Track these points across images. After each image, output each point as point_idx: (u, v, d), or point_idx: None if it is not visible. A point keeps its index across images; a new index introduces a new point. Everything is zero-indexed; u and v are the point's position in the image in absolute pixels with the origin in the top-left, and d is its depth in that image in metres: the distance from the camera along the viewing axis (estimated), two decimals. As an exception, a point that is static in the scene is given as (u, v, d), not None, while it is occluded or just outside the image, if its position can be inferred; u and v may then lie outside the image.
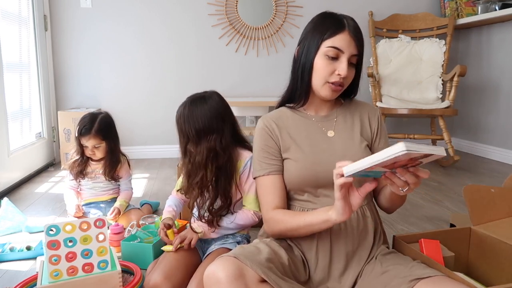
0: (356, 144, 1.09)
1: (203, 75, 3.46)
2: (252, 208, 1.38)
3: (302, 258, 1.07)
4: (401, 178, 0.85)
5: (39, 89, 3.10)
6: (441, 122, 3.00)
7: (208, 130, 1.33)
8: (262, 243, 1.04)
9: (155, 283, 1.21)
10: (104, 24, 3.29)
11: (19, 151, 2.69)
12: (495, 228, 1.22)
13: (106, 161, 1.87)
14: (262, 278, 0.91)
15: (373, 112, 1.16)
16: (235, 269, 0.88)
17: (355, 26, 1.04)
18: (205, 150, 1.32)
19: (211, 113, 1.34)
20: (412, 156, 0.76)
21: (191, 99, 1.37)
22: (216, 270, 0.89)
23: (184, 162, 1.39)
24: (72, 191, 1.93)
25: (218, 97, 1.40)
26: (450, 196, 2.36)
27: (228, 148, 1.35)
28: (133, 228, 1.61)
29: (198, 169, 1.34)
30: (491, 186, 1.28)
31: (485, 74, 3.44)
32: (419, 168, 0.85)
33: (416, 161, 0.81)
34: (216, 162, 1.33)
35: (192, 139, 1.34)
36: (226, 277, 0.87)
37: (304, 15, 3.49)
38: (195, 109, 1.34)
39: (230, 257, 0.93)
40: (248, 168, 1.37)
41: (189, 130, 1.33)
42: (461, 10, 3.47)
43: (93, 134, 1.80)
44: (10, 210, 1.87)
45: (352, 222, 1.05)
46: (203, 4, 3.38)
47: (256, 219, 1.38)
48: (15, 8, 2.78)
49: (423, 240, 1.14)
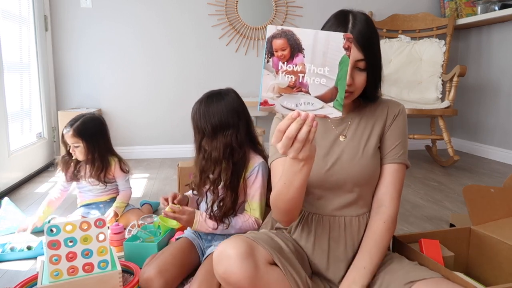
0: (366, 147, 1.04)
1: (203, 75, 3.46)
2: (254, 215, 1.37)
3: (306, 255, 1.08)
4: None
5: (39, 89, 3.10)
6: (441, 122, 3.00)
7: (224, 126, 1.34)
8: (271, 233, 1.06)
9: (149, 276, 1.22)
10: (104, 24, 3.30)
11: (20, 151, 2.69)
12: (494, 228, 1.22)
13: (89, 163, 1.86)
14: (271, 261, 0.93)
15: (393, 108, 1.07)
16: (246, 247, 0.90)
17: (360, 24, 0.94)
18: (222, 145, 1.33)
19: (227, 109, 1.35)
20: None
21: (207, 96, 1.38)
22: (227, 247, 0.91)
23: (198, 158, 1.39)
24: (52, 197, 1.88)
25: (235, 93, 1.41)
26: (450, 196, 2.36)
27: (243, 145, 1.36)
28: (133, 228, 1.61)
29: (215, 164, 1.35)
30: (491, 186, 1.29)
31: (485, 74, 3.44)
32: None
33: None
34: (232, 158, 1.34)
35: (208, 134, 1.35)
36: (236, 254, 0.89)
37: (304, 15, 3.50)
38: (211, 105, 1.35)
39: (241, 236, 0.95)
40: (255, 173, 1.37)
41: (205, 125, 1.34)
42: (461, 10, 3.47)
43: (71, 133, 1.80)
44: (10, 210, 1.87)
45: (352, 228, 1.05)
46: (203, 4, 3.38)
47: (255, 226, 1.37)
48: (16, 8, 2.78)
49: (423, 240, 1.14)
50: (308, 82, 0.74)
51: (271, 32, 0.72)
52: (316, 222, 1.05)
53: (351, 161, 1.03)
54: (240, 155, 1.35)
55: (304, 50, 0.72)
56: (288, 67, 0.73)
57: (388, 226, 1.01)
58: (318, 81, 0.74)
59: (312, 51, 0.72)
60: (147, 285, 1.22)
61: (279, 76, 0.73)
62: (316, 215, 1.06)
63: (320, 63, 0.73)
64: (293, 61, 0.73)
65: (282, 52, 0.72)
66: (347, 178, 1.03)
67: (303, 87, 0.74)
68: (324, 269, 1.05)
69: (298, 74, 0.73)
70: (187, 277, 1.36)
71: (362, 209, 1.06)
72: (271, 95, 0.74)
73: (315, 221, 1.06)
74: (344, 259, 1.04)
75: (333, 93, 0.74)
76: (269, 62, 0.73)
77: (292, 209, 0.97)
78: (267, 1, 3.45)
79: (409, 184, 2.59)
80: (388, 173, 1.04)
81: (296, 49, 0.72)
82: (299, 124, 0.73)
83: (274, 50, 0.72)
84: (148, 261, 1.32)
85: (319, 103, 0.74)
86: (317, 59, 0.73)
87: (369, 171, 1.03)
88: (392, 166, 1.04)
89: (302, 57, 0.73)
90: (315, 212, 1.06)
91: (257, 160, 1.39)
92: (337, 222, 1.05)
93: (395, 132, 1.06)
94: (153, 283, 1.21)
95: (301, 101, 0.74)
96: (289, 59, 0.73)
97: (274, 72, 0.73)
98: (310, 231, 1.06)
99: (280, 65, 0.73)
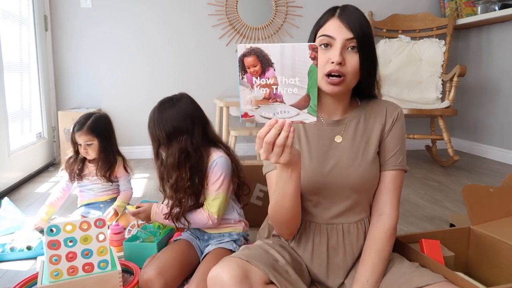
0: (365, 152, 1.02)
1: (203, 75, 3.46)
2: (209, 209, 1.38)
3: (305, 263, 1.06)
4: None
5: (39, 89, 3.10)
6: (441, 122, 3.00)
7: (178, 132, 1.35)
8: (266, 245, 1.03)
9: (149, 277, 1.22)
10: (104, 24, 3.30)
11: (19, 151, 2.69)
12: (494, 227, 1.23)
13: (100, 161, 1.86)
14: (267, 280, 0.90)
15: (391, 110, 1.05)
16: (240, 271, 0.87)
17: (348, 11, 0.96)
18: (177, 151, 1.34)
19: (179, 115, 1.36)
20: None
21: (160, 103, 1.41)
22: (220, 272, 0.87)
23: (156, 165, 1.42)
24: (54, 198, 1.88)
25: (188, 98, 1.43)
26: (450, 196, 2.36)
27: (199, 148, 1.37)
28: (133, 228, 1.61)
29: (172, 170, 1.36)
30: (490, 186, 1.29)
31: (485, 74, 3.44)
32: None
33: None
34: (189, 162, 1.35)
35: (163, 142, 1.37)
36: (230, 279, 0.86)
37: (304, 15, 3.50)
38: (163, 112, 1.37)
39: (235, 258, 0.91)
40: (213, 167, 1.38)
41: (159, 133, 1.36)
42: (461, 10, 3.47)
43: (86, 130, 1.80)
44: (10, 210, 1.87)
45: (351, 235, 1.03)
46: (203, 4, 3.38)
47: (210, 222, 1.38)
48: (16, 8, 2.78)
49: (423, 240, 1.14)
50: (281, 93, 0.78)
51: (241, 51, 0.76)
52: (314, 231, 1.03)
53: (350, 166, 1.01)
54: (196, 158, 1.36)
55: (273, 64, 0.77)
56: (262, 81, 0.78)
57: (389, 235, 0.99)
58: (290, 91, 0.78)
59: (281, 64, 0.77)
60: (147, 286, 1.22)
61: (255, 90, 0.78)
62: (314, 224, 1.03)
63: (290, 74, 0.77)
64: (265, 75, 0.78)
65: (254, 68, 0.77)
66: (346, 184, 1.00)
67: (277, 97, 0.79)
68: (324, 278, 1.03)
69: (271, 86, 0.78)
70: (187, 278, 1.36)
71: (360, 215, 1.04)
72: (250, 108, 0.79)
73: (312, 229, 1.03)
74: (343, 267, 1.03)
75: (306, 100, 0.78)
76: (244, 78, 0.78)
77: (290, 220, 0.97)
78: (267, 1, 3.45)
79: (409, 184, 2.59)
80: (389, 180, 1.02)
81: (266, 64, 0.77)
82: (277, 130, 0.78)
83: (247, 67, 0.77)
84: (148, 262, 1.32)
85: (294, 110, 0.79)
86: (287, 71, 0.77)
87: (369, 177, 1.01)
88: (393, 173, 1.02)
89: (273, 71, 0.77)
90: (312, 221, 1.04)
91: (215, 155, 1.40)
92: (335, 230, 1.02)
93: (395, 138, 1.04)
94: (153, 284, 1.21)
95: (277, 110, 0.79)
96: (261, 73, 0.78)
97: (249, 87, 0.78)
98: (308, 239, 1.04)
99: (254, 80, 0.78)
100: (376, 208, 1.03)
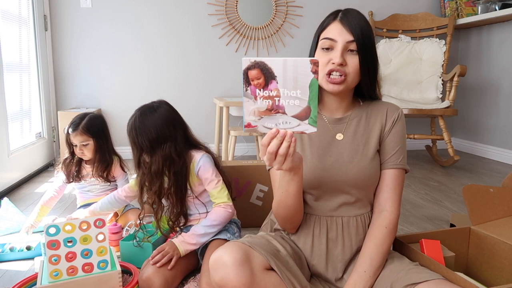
0: (365, 150, 1.05)
1: (203, 75, 3.46)
2: (220, 201, 1.40)
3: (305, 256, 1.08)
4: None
5: (39, 89, 3.10)
6: (441, 122, 3.00)
7: (162, 139, 1.35)
8: (268, 236, 1.06)
9: (148, 276, 1.23)
10: (104, 24, 3.29)
11: (19, 151, 2.69)
12: (494, 227, 1.22)
13: (96, 161, 1.85)
14: (268, 266, 0.93)
15: (392, 111, 1.08)
16: (242, 254, 0.90)
17: (350, 15, 1.01)
18: (161, 158, 1.34)
19: (162, 122, 1.36)
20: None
21: (140, 111, 1.39)
22: (223, 254, 0.91)
23: (138, 173, 1.41)
24: (46, 198, 1.85)
25: (167, 105, 1.43)
26: (450, 196, 2.36)
27: (182, 154, 1.38)
28: (131, 228, 1.61)
29: (155, 178, 1.36)
30: (490, 186, 1.29)
31: (485, 74, 3.44)
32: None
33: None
34: (173, 168, 1.35)
35: (147, 149, 1.36)
36: (232, 261, 0.89)
37: (304, 15, 3.49)
38: (145, 119, 1.35)
39: (238, 242, 0.95)
40: (201, 165, 1.40)
41: (143, 141, 1.34)
42: (461, 10, 3.47)
43: (81, 131, 1.79)
44: (10, 210, 1.87)
45: (350, 228, 1.05)
46: (203, 4, 3.38)
47: (229, 211, 1.40)
48: (15, 8, 2.78)
49: (423, 240, 1.14)
50: (284, 104, 0.82)
51: (245, 64, 0.80)
52: (314, 223, 1.06)
53: (350, 162, 1.03)
54: (180, 164, 1.36)
55: (276, 77, 0.80)
56: (265, 93, 0.82)
57: (389, 230, 1.02)
58: (292, 102, 0.82)
59: (283, 77, 0.80)
60: (146, 285, 1.22)
61: (258, 101, 0.82)
62: (314, 216, 1.06)
63: (292, 87, 0.81)
64: (268, 88, 0.81)
65: (258, 80, 0.81)
66: (345, 180, 1.03)
67: (280, 109, 0.83)
68: (323, 270, 1.05)
69: (274, 98, 0.82)
70: (187, 277, 1.36)
71: (361, 210, 1.06)
72: (253, 118, 0.83)
73: (313, 221, 1.06)
74: (341, 260, 1.04)
75: (307, 112, 0.82)
76: (248, 90, 0.82)
77: (293, 215, 1.02)
78: (267, 1, 3.45)
79: (409, 184, 2.59)
80: (389, 178, 1.05)
81: (269, 77, 0.81)
82: (279, 140, 0.82)
83: (251, 80, 0.80)
84: (147, 262, 1.32)
85: (295, 121, 0.83)
86: (289, 84, 0.81)
87: (368, 174, 1.03)
88: (393, 171, 1.06)
89: (275, 83, 0.81)
90: (313, 213, 1.06)
91: (198, 156, 1.42)
92: (334, 223, 1.05)
93: (395, 138, 1.07)
94: (153, 283, 1.22)
95: (279, 121, 0.83)
96: (264, 86, 0.81)
97: (253, 99, 0.82)
98: (308, 232, 1.06)
99: (257, 92, 0.82)
100: (377, 205, 1.06)
